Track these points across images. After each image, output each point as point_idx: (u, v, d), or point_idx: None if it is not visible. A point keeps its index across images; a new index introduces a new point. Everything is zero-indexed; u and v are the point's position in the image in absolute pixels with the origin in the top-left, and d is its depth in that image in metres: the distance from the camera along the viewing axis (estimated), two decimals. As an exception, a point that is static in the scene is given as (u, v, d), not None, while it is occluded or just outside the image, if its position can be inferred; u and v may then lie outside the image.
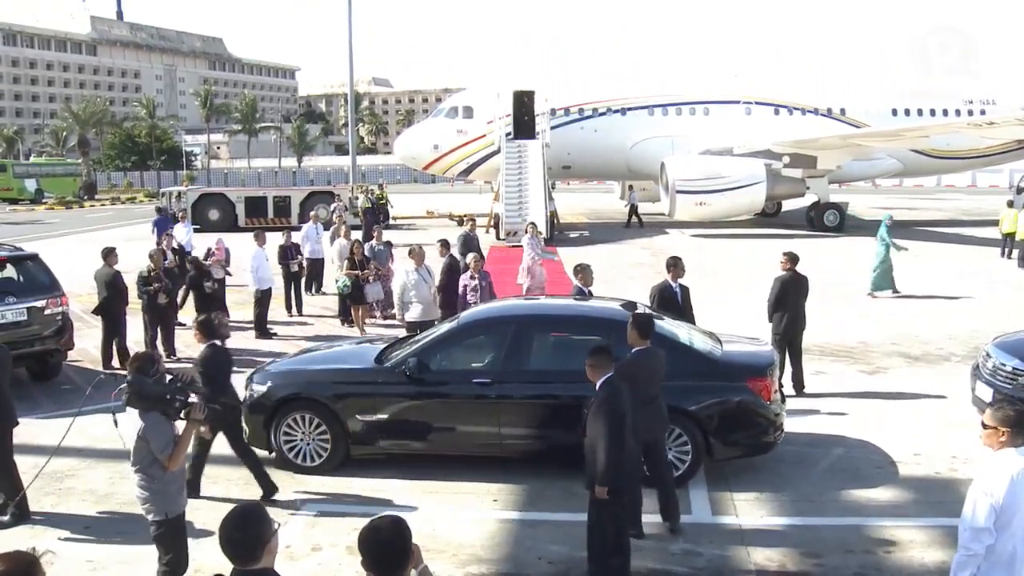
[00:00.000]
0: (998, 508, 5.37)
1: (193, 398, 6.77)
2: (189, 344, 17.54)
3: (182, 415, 6.73)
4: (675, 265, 12.98)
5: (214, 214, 41.52)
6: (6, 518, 9.21)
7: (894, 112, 41.66)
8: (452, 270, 15.69)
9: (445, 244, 16.95)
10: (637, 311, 9.90)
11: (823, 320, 18.10)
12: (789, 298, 13.56)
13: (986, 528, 5.40)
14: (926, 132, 38.29)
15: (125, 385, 6.65)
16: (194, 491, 9.23)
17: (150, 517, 6.93)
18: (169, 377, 6.96)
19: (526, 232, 20.78)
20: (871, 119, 40.75)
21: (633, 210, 42.11)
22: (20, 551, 4.28)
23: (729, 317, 18.92)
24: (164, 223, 35.21)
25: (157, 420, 6.71)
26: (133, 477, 6.90)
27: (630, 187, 44.69)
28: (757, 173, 36.48)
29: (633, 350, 8.87)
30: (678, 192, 36.25)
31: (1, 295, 14.27)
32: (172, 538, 6.94)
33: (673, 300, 12.66)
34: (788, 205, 44.15)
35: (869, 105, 41.78)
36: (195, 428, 6.93)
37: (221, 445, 11.49)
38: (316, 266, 23.54)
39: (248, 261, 18.97)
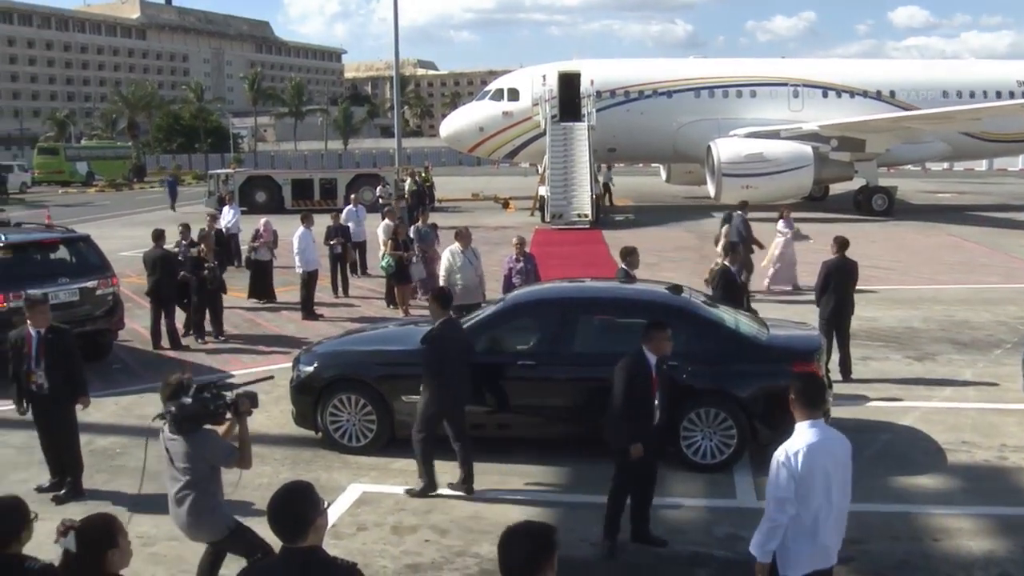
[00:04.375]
0: (797, 478, 5.56)
1: (229, 394, 6.56)
2: (237, 325, 17.79)
3: (229, 415, 6.59)
4: (733, 250, 12.99)
5: (261, 196, 41.74)
6: (62, 492, 9.45)
7: (944, 94, 40.92)
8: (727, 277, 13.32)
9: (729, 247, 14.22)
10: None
11: (870, 305, 17.96)
12: (836, 283, 13.47)
13: (787, 497, 5.58)
14: (978, 114, 37.59)
15: (168, 415, 6.41)
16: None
17: (217, 536, 6.68)
18: (194, 387, 6.56)
19: (781, 217, 20.70)
20: (921, 101, 40.07)
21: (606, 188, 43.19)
22: (98, 513, 4.56)
23: (774, 301, 18.82)
24: (173, 185, 46.31)
25: (208, 435, 6.53)
26: (184, 502, 6.52)
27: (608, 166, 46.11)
28: (804, 156, 36.01)
29: (438, 322, 9.63)
30: (724, 175, 35.89)
31: (54, 276, 14.50)
32: (245, 536, 6.65)
33: (735, 284, 12.72)
34: (836, 189, 43.65)
35: (919, 87, 41.11)
36: (246, 420, 6.64)
37: (273, 424, 11.65)
38: (357, 248, 23.56)
39: (295, 243, 19.08)
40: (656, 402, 8.19)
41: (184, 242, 16.94)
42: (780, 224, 20.58)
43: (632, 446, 8.10)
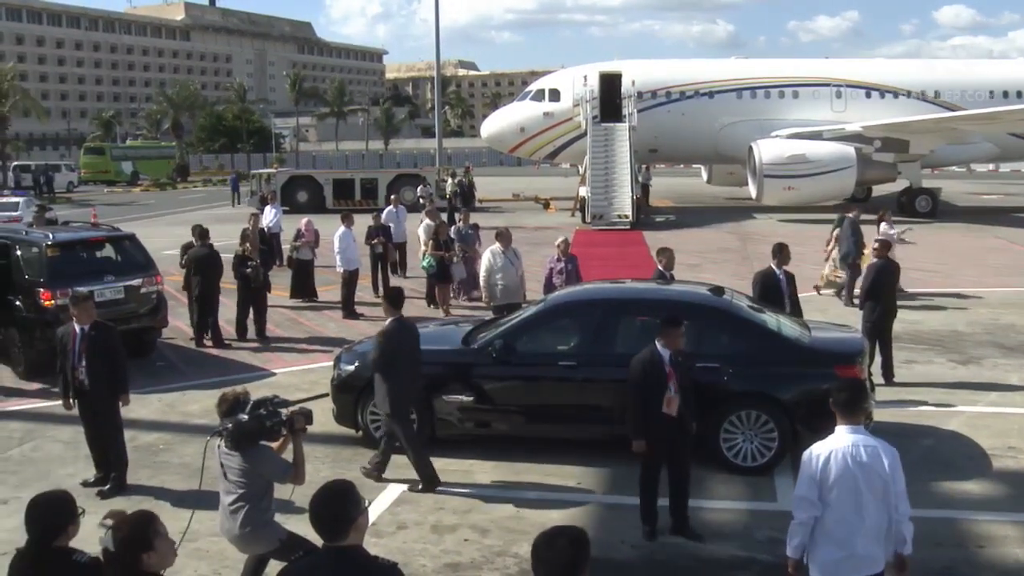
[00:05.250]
0: (817, 480, 5.55)
1: (285, 411, 6.63)
2: (279, 324, 17.91)
3: (284, 432, 6.67)
4: (780, 252, 12.77)
5: (303, 196, 41.98)
6: (107, 487, 9.59)
7: (991, 94, 40.38)
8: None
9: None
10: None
11: (914, 308, 17.77)
12: (883, 286, 13.35)
13: (806, 498, 5.58)
14: (1026, 115, 37.02)
15: (225, 431, 6.50)
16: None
17: (268, 549, 6.76)
18: (250, 403, 6.64)
19: (882, 220, 20.58)
20: (967, 102, 39.53)
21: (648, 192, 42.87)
22: (138, 512, 4.66)
23: (816, 303, 18.67)
24: (236, 182, 51.71)
25: (263, 451, 6.63)
26: (238, 516, 6.57)
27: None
28: (847, 157, 35.65)
29: (388, 321, 9.94)
30: (766, 176, 35.64)
31: (100, 274, 14.70)
32: (296, 548, 6.58)
33: (777, 287, 12.48)
34: (879, 190, 43.18)
35: (965, 87, 40.56)
36: (301, 437, 6.72)
37: (314, 422, 11.72)
38: (397, 248, 23.60)
39: (336, 242, 19.20)
40: (672, 394, 8.30)
41: (198, 243, 16.93)
42: (882, 227, 20.20)
43: (635, 441, 8.37)
